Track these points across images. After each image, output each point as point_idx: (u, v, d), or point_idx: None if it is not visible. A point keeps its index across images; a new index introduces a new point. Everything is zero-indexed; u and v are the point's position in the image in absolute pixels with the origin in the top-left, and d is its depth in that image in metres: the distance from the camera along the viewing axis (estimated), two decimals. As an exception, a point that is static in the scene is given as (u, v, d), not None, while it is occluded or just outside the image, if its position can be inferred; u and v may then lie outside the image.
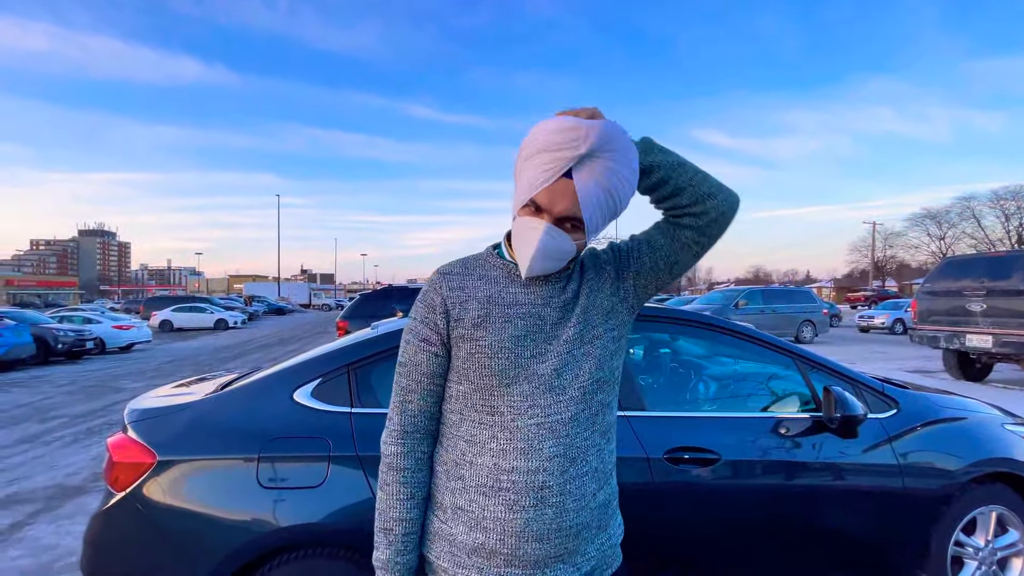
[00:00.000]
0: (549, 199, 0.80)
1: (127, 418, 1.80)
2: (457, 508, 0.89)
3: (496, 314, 0.88)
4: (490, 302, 0.89)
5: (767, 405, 2.07)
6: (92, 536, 1.69)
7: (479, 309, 0.88)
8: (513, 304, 0.89)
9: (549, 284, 0.91)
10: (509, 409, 0.86)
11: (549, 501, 0.85)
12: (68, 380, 9.66)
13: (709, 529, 1.82)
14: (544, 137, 0.79)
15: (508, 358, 0.86)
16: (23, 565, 2.89)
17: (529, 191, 0.81)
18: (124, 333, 14.89)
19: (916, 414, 2.12)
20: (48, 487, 4.11)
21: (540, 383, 0.86)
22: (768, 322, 13.54)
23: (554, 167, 0.78)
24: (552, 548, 0.86)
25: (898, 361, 11.02)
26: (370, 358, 1.85)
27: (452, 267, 0.95)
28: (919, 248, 47.11)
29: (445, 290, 0.91)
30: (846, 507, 1.93)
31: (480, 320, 0.88)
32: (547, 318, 0.89)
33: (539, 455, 0.85)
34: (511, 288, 0.90)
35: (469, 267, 0.94)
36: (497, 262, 0.93)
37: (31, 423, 6.28)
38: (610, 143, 0.78)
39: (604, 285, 0.93)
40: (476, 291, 0.90)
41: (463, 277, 0.92)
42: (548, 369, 0.87)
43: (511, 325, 0.87)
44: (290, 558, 1.62)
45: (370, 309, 8.85)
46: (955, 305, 7.86)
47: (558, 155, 0.78)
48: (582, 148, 0.77)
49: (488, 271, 0.93)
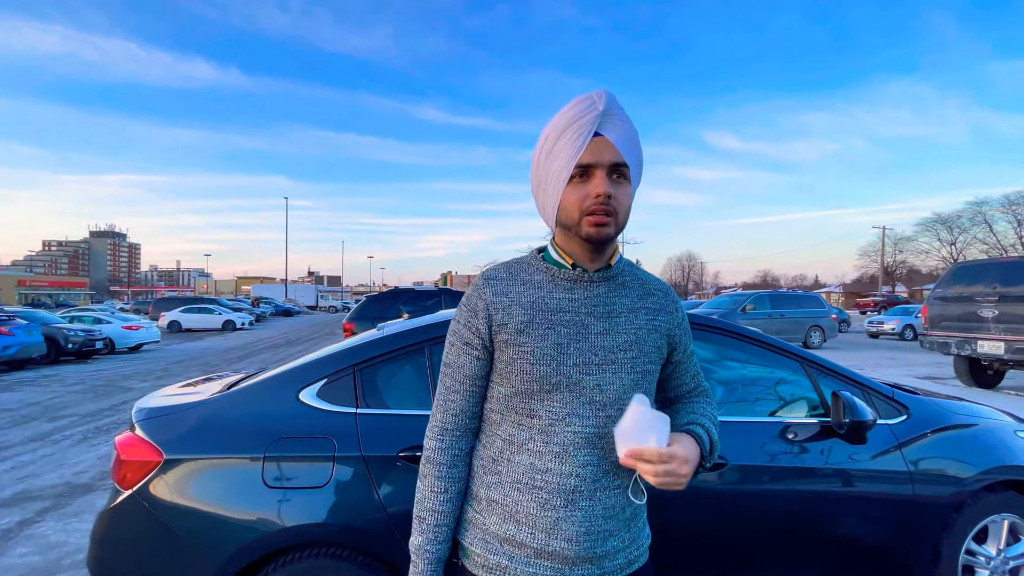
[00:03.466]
0: (595, 153, 0.85)
1: (135, 417, 1.81)
2: (492, 501, 0.92)
3: (539, 320, 0.89)
4: (534, 307, 0.90)
5: (775, 410, 2.05)
6: (99, 533, 1.70)
7: (523, 315, 0.90)
8: (557, 311, 0.90)
9: (594, 289, 0.92)
10: (548, 414, 0.88)
11: (579, 504, 0.87)
12: (77, 379, 9.76)
13: (716, 534, 1.81)
14: (563, 119, 0.87)
15: (550, 365, 0.87)
16: (31, 562, 2.91)
17: (572, 158, 0.85)
18: (133, 333, 15.02)
19: (927, 420, 2.10)
20: (56, 485, 4.15)
21: (581, 394, 0.88)
22: (776, 327, 13.43)
23: (584, 131, 0.85)
24: (580, 549, 0.87)
25: (908, 367, 10.90)
26: (376, 359, 1.86)
27: (497, 272, 0.96)
28: (929, 253, 46.73)
29: (489, 295, 0.92)
30: (854, 513, 1.91)
31: (524, 326, 0.89)
32: (591, 327, 0.90)
33: (573, 461, 0.87)
34: (556, 293, 0.91)
35: (513, 272, 0.95)
36: (542, 266, 0.94)
37: (40, 421, 6.35)
38: (616, 102, 0.88)
39: (655, 326, 0.96)
40: (520, 296, 0.91)
41: (507, 282, 0.93)
42: (591, 383, 0.88)
43: (554, 332, 0.88)
44: (295, 557, 1.63)
45: (376, 311, 8.87)
46: (967, 311, 7.77)
47: (583, 121, 0.85)
48: (600, 106, 0.85)
49: (532, 275, 0.94)
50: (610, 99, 0.87)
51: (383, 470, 1.67)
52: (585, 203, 0.85)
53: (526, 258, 0.97)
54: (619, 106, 0.88)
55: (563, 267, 0.92)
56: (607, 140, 0.85)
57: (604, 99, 0.85)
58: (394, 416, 1.77)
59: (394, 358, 1.87)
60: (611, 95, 0.87)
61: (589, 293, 0.92)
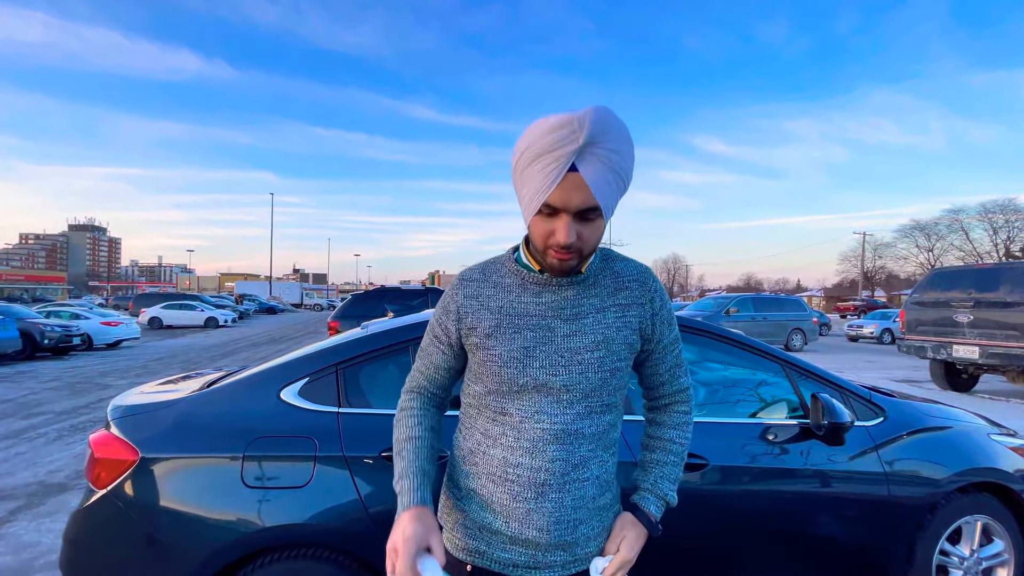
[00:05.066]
0: (563, 197, 0.79)
1: (110, 415, 1.77)
2: (470, 490, 0.98)
3: (506, 325, 0.92)
4: (502, 312, 0.93)
5: (756, 411, 2.08)
6: (72, 534, 1.66)
7: (491, 320, 0.93)
8: (524, 315, 0.92)
9: (562, 292, 0.93)
10: (519, 412, 0.92)
11: (549, 496, 0.91)
12: (53, 376, 9.52)
13: (696, 534, 1.82)
14: (540, 141, 0.79)
15: (517, 368, 0.91)
16: (3, 562, 2.84)
17: (540, 196, 0.80)
18: (112, 330, 14.69)
19: (902, 422, 2.14)
20: (30, 484, 4.05)
21: (549, 393, 0.91)
22: (758, 330, 13.61)
23: (558, 165, 0.77)
24: (551, 537, 0.92)
25: (886, 370, 11.12)
26: (359, 358, 1.84)
27: (472, 273, 1.00)
28: (908, 259, 47.76)
29: (461, 298, 0.97)
30: (832, 514, 1.94)
31: (492, 330, 0.93)
32: (557, 330, 0.92)
33: (543, 456, 0.91)
34: (523, 298, 0.93)
35: (487, 273, 0.98)
36: (513, 267, 0.96)
37: (14, 419, 6.18)
38: (605, 127, 0.77)
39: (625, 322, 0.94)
40: (490, 301, 0.95)
41: (480, 284, 0.97)
42: (558, 383, 0.91)
43: (520, 336, 0.91)
44: (274, 558, 1.60)
45: (362, 310, 8.81)
46: (943, 316, 7.94)
47: (558, 153, 0.77)
48: (580, 139, 0.76)
49: (503, 278, 0.96)
50: (596, 124, 0.75)
51: (365, 470, 1.65)
52: (549, 239, 0.83)
53: (501, 258, 0.99)
54: (606, 131, 0.77)
55: (532, 271, 0.93)
56: (580, 180, 0.77)
57: (587, 127, 0.75)
58: (377, 416, 1.75)
59: (378, 357, 1.86)
60: (600, 117, 0.76)
61: (557, 296, 0.93)
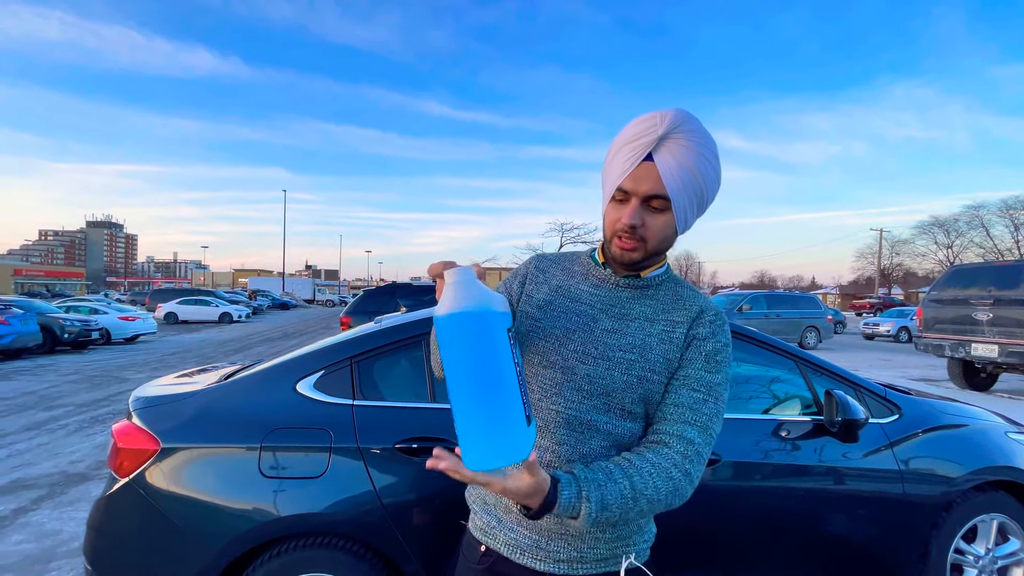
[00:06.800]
0: (634, 182, 0.84)
1: (132, 405, 1.81)
2: None
3: (557, 304, 0.96)
4: (558, 292, 0.97)
5: (769, 408, 2.07)
6: (96, 521, 1.70)
7: (547, 295, 0.98)
8: (575, 300, 0.96)
9: (618, 292, 0.94)
10: (539, 389, 0.93)
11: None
12: (73, 369, 9.73)
13: (709, 530, 1.82)
14: (625, 134, 0.86)
15: (553, 345, 0.93)
16: (26, 549, 2.92)
17: (616, 180, 0.85)
18: (130, 324, 14.96)
19: (918, 420, 2.12)
20: (52, 474, 4.15)
21: (572, 379, 0.91)
22: (772, 327, 13.47)
23: (635, 154, 0.83)
24: (550, 523, 0.89)
25: (902, 369, 10.96)
26: (373, 351, 1.86)
27: (549, 254, 1.06)
28: (926, 256, 46.88)
29: (532, 267, 1.04)
30: (845, 511, 1.93)
31: (543, 304, 0.97)
32: (599, 323, 0.93)
33: (551, 437, 0.91)
34: (581, 286, 0.97)
35: (560, 260, 1.04)
36: (584, 259, 1.00)
37: (36, 411, 6.34)
38: (685, 124, 0.82)
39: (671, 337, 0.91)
40: (552, 279, 1.00)
41: (551, 263, 1.03)
42: (583, 371, 0.90)
43: (565, 317, 0.94)
44: (290, 547, 1.64)
45: (373, 305, 8.87)
46: (961, 314, 7.81)
47: (638, 143, 0.83)
48: (659, 130, 0.82)
49: (573, 265, 1.01)
50: (676, 121, 0.81)
51: (379, 461, 1.68)
52: (615, 225, 0.88)
53: (580, 252, 1.04)
54: (688, 128, 0.82)
55: (597, 264, 0.98)
56: (653, 168, 0.82)
57: (668, 121, 0.81)
58: (391, 408, 1.78)
59: (391, 351, 1.88)
60: (681, 116, 0.82)
61: (611, 294, 0.95)
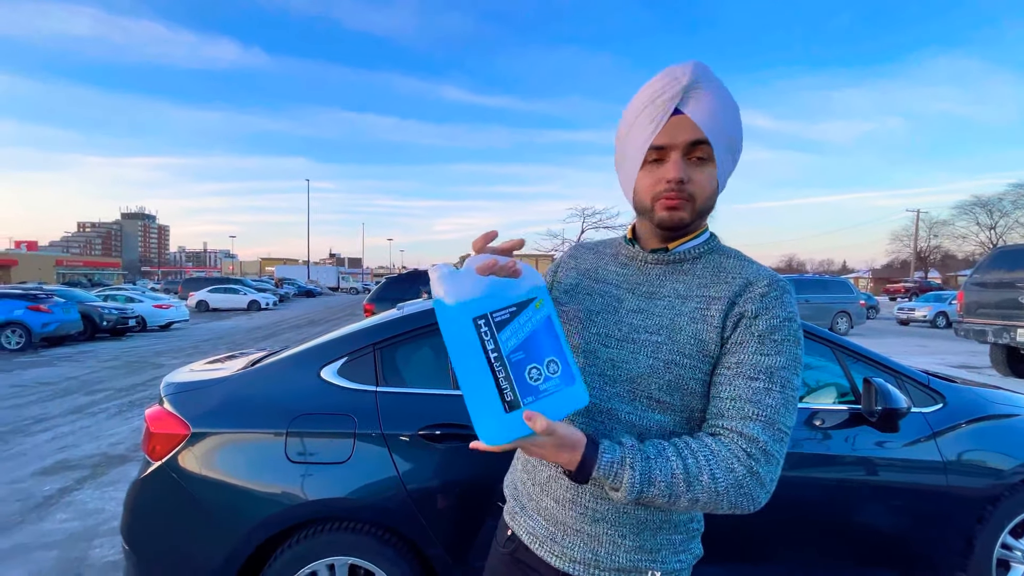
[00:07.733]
0: (669, 136, 0.78)
1: (163, 391, 1.85)
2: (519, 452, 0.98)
3: (583, 286, 0.93)
4: (585, 275, 0.94)
5: (802, 395, 1.99)
6: (131, 502, 1.75)
7: (574, 278, 0.95)
8: (601, 280, 0.92)
9: (647, 269, 0.88)
10: None
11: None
12: (112, 355, 10.12)
13: (740, 521, 1.78)
14: (643, 96, 0.80)
15: (576, 327, 0.89)
16: (70, 527, 3.06)
17: (647, 140, 0.79)
18: (164, 312, 15.47)
19: (964, 409, 2.01)
20: (94, 455, 4.33)
21: (594, 363, 0.85)
22: (801, 312, 13.06)
23: (663, 109, 0.78)
24: (565, 513, 0.85)
25: (940, 355, 10.56)
26: (396, 338, 1.86)
27: (587, 242, 1.03)
28: (966, 238, 44.84)
29: (567, 255, 1.02)
30: (883, 503, 1.86)
31: (570, 287, 0.94)
32: (625, 303, 0.86)
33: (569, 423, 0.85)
34: (610, 266, 0.93)
35: (596, 245, 1.00)
36: (616, 242, 0.97)
37: (79, 395, 6.62)
38: (707, 74, 0.78)
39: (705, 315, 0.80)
40: (582, 263, 0.97)
41: (585, 249, 1.00)
42: (605, 355, 0.84)
43: (590, 299, 0.90)
44: (316, 531, 1.66)
45: (396, 292, 8.94)
46: (1006, 297, 7.44)
47: (661, 99, 0.78)
48: (684, 80, 0.77)
49: (606, 248, 0.97)
50: (697, 71, 0.77)
51: (402, 447, 1.68)
52: (657, 187, 0.80)
53: (616, 237, 1.00)
54: (709, 77, 0.78)
55: (627, 242, 0.93)
56: (687, 118, 0.77)
57: (690, 72, 0.77)
58: (414, 395, 1.77)
59: (414, 338, 1.87)
60: (700, 66, 0.78)
61: (639, 272, 0.89)
